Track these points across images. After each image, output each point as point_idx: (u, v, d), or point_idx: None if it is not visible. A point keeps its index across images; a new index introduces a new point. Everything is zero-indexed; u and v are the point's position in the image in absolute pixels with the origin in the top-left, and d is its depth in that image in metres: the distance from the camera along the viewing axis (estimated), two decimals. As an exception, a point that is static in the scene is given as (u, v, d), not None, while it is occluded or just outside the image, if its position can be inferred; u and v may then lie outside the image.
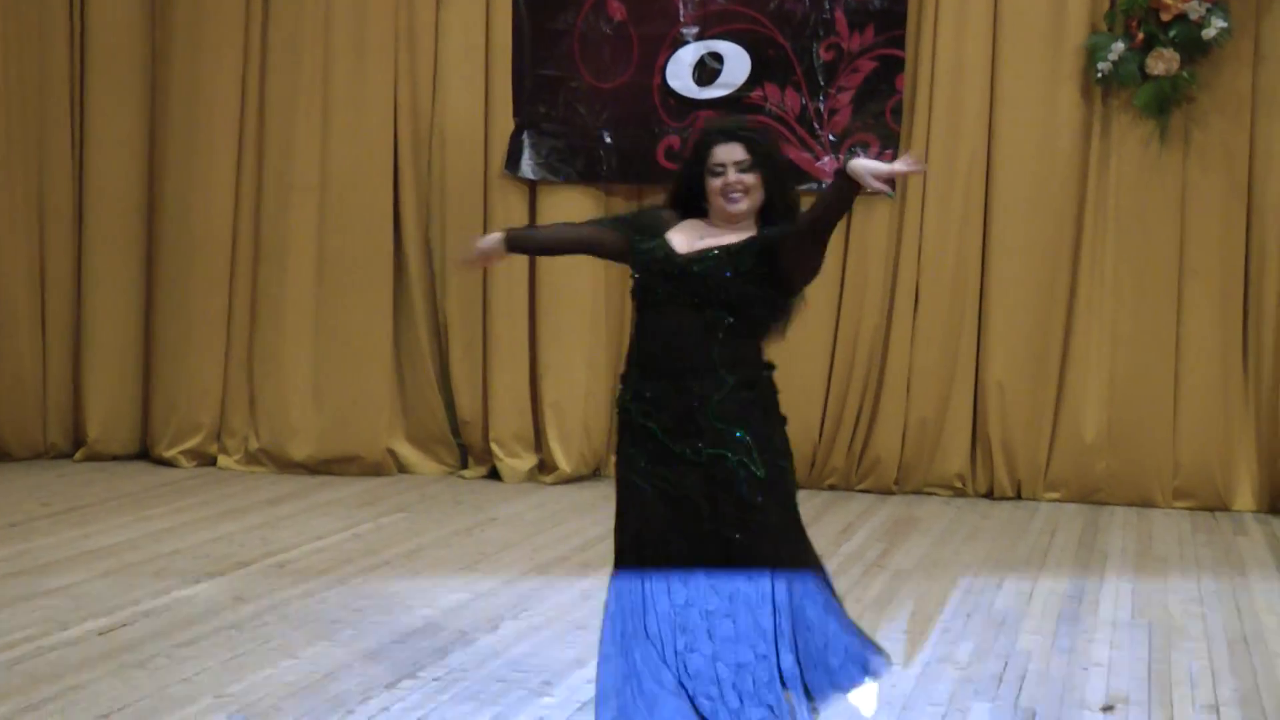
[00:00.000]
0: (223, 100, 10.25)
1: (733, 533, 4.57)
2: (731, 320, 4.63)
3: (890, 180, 4.66)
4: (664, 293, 4.66)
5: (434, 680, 5.87)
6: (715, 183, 4.71)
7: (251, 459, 10.27)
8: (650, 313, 4.70)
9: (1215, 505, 9.57)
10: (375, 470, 10.16)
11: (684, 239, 4.72)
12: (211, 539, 8.22)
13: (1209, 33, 9.25)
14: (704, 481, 4.59)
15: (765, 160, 4.73)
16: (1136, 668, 6.23)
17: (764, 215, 4.74)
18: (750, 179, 4.70)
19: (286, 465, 10.20)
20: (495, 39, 10.07)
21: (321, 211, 10.19)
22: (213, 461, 10.33)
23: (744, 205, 4.70)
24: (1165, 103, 9.41)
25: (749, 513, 4.58)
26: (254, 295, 10.31)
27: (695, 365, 4.62)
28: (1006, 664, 6.22)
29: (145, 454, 10.51)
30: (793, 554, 4.65)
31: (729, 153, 4.71)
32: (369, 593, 7.16)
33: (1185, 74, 9.34)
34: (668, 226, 4.80)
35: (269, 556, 7.84)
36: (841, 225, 9.79)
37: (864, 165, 4.55)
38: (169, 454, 10.33)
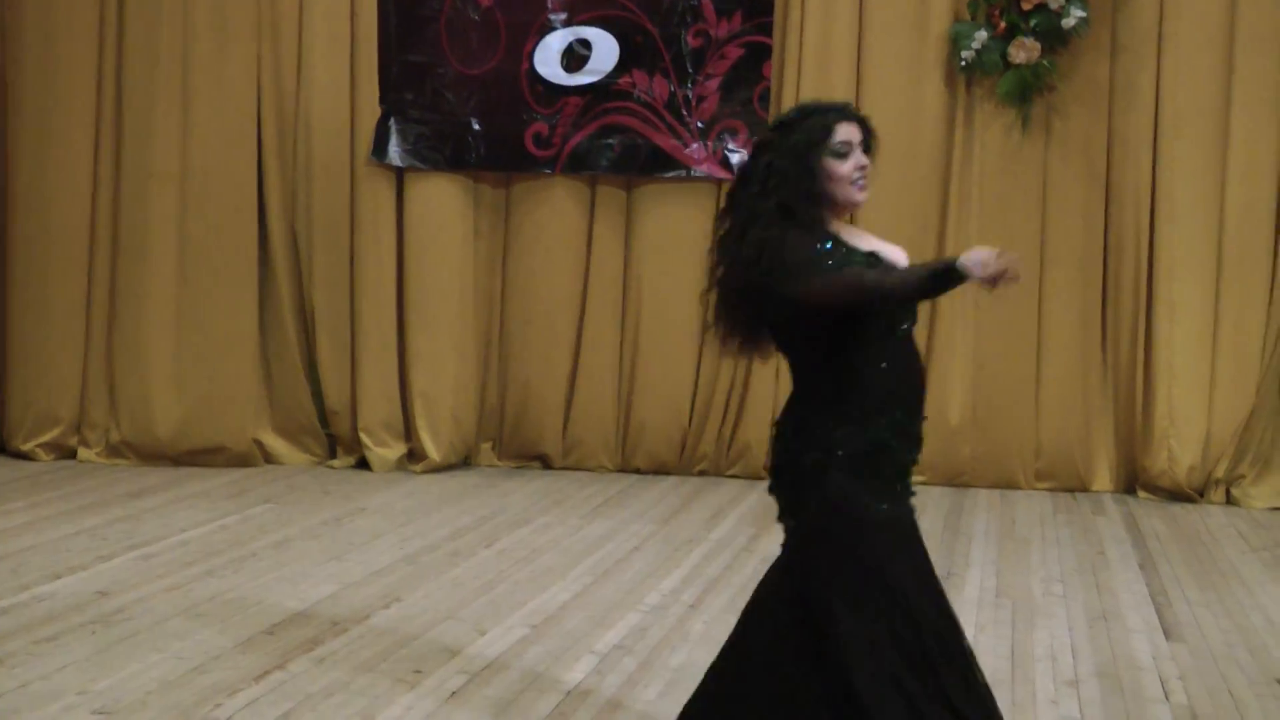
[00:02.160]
0: (78, 85, 10.04)
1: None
2: None
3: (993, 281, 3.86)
4: (907, 323, 4.16)
5: (303, 672, 5.82)
6: (843, 167, 4.14)
7: (113, 451, 10.11)
8: (893, 343, 4.12)
9: (1075, 486, 9.75)
10: (242, 461, 10.04)
11: (879, 247, 4.19)
12: (72, 533, 8.08)
13: (1068, 22, 9.38)
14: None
15: (870, 143, 4.24)
16: (1000, 646, 6.32)
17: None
18: (869, 162, 4.19)
19: (150, 457, 10.05)
20: (360, 25, 9.98)
21: (183, 200, 10.03)
22: (72, 454, 10.16)
23: (866, 194, 4.18)
24: (1027, 91, 9.54)
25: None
26: (114, 285, 10.13)
27: (924, 394, 4.26)
28: (875, 646, 6.27)
29: (1, 448, 10.30)
30: None
31: (852, 131, 4.18)
32: (236, 585, 7.08)
33: (1046, 63, 9.47)
34: (838, 238, 4.16)
35: (132, 550, 7.73)
36: (710, 212, 9.94)
37: (975, 260, 3.82)
38: (26, 447, 10.13)
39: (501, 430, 10.30)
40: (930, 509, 9.11)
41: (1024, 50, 9.45)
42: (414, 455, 10.10)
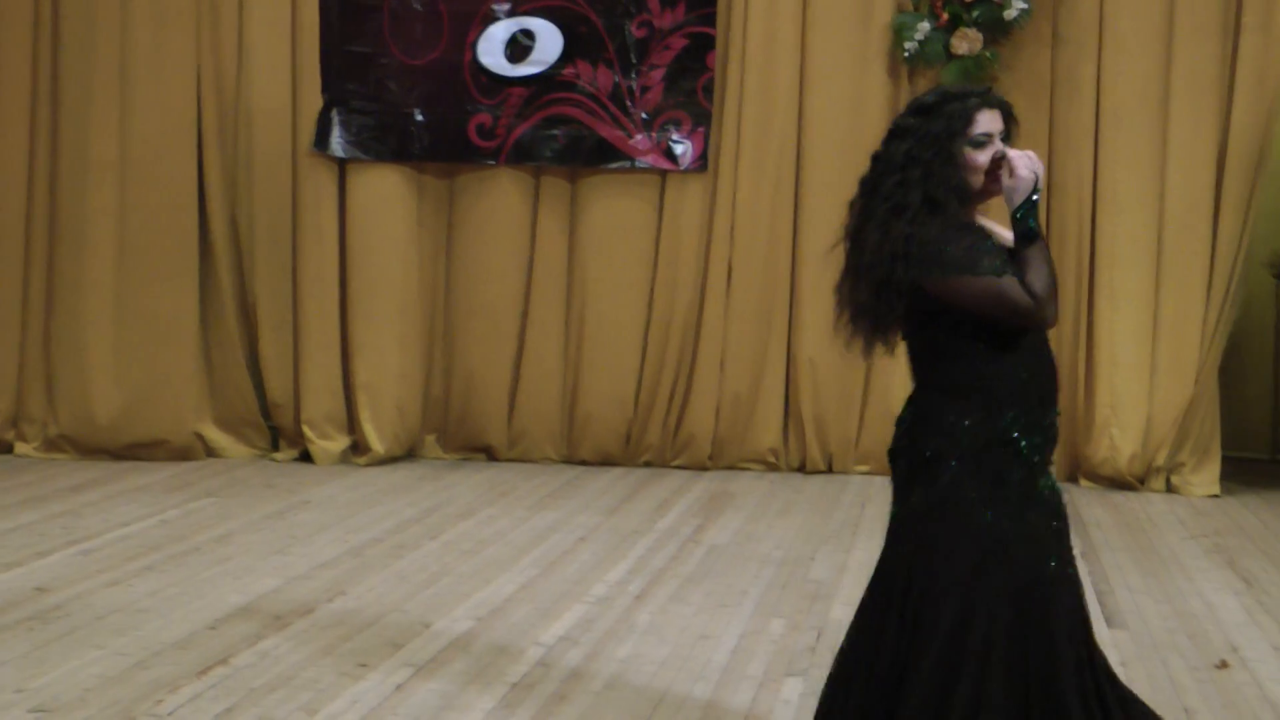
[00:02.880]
0: (14, 74, 9.94)
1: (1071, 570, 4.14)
2: None
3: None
4: None
5: (247, 667, 5.77)
6: (982, 157, 4.03)
7: (51, 445, 10.00)
8: (1033, 337, 4.05)
9: (1019, 476, 9.76)
10: (183, 454, 9.96)
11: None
12: (9, 529, 7.98)
13: (1010, 14, 9.42)
14: (1050, 517, 4.09)
15: (1011, 134, 4.12)
16: (948, 637, 6.32)
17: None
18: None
19: (89, 451, 9.96)
20: (302, 14, 9.91)
21: (122, 190, 9.94)
22: (9, 449, 10.05)
23: (1002, 185, 4.04)
24: (969, 82, 9.55)
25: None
26: (51, 276, 10.03)
27: (1058, 388, 4.21)
28: (820, 635, 6.27)
29: (-63, 443, 10.22)
30: None
31: (993, 121, 4.05)
32: (178, 580, 7.02)
33: (988, 54, 9.50)
34: (986, 232, 4.14)
35: (71, 545, 7.64)
36: (655, 203, 9.91)
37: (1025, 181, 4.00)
38: (-38, 442, 10.05)
39: (446, 422, 10.26)
40: (875, 499, 9.13)
41: (966, 41, 9.48)
42: (358, 448, 10.04)
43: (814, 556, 7.67)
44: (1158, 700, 5.52)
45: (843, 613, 6.60)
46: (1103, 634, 6.34)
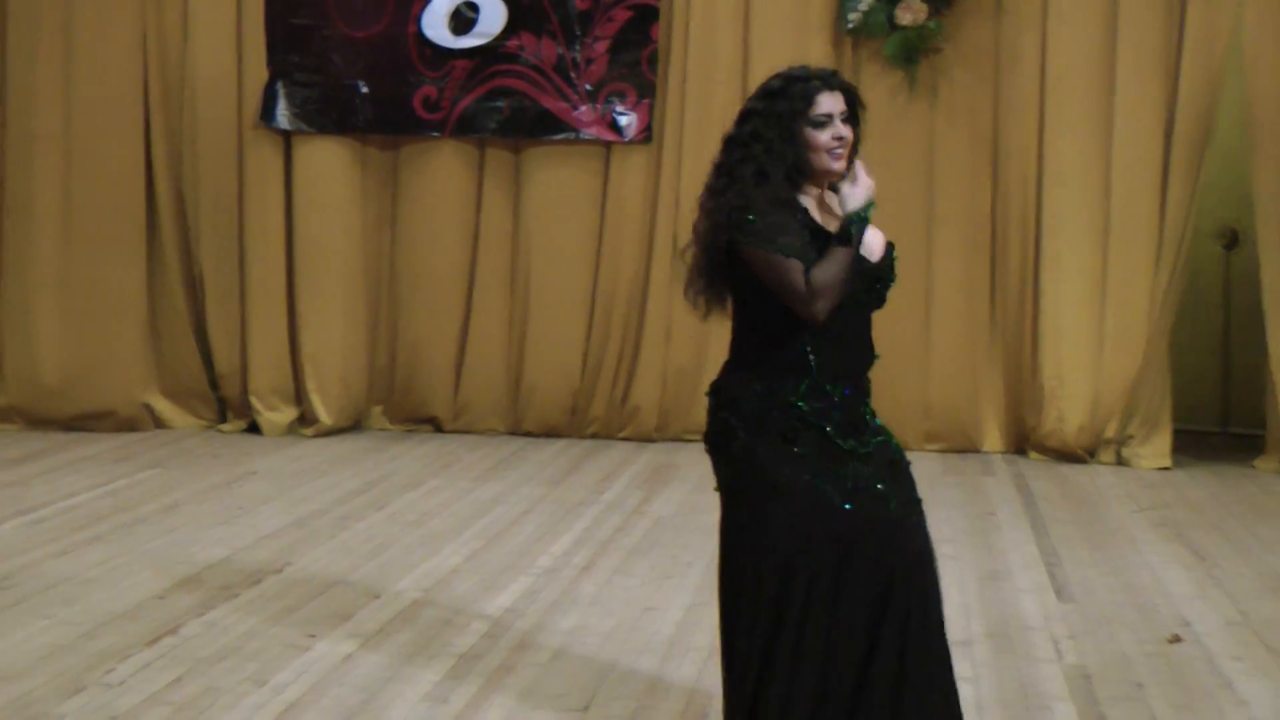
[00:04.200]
0: (-40, 47, 9.93)
1: (917, 516, 4.34)
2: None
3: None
4: (855, 301, 4.27)
5: (195, 636, 5.80)
6: (821, 136, 4.21)
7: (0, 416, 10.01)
8: (837, 316, 4.17)
9: (965, 447, 9.83)
10: (130, 425, 9.96)
11: (837, 226, 4.24)
12: (-42, 499, 8.01)
13: (954, -15, 9.47)
14: (878, 469, 4.24)
15: (856, 113, 4.30)
16: (890, 605, 6.38)
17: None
18: (849, 134, 4.26)
19: (36, 422, 9.95)
20: (247, -14, 9.91)
21: (68, 162, 9.92)
22: (-41, 420, 10.05)
23: (844, 164, 4.25)
24: (913, 53, 9.60)
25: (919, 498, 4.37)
26: (-2, 249, 10.03)
27: (869, 364, 4.38)
28: (765, 605, 6.32)
29: (-114, 413, 10.17)
30: None
31: (834, 102, 4.24)
32: (125, 550, 7.04)
33: (932, 25, 9.54)
34: (814, 211, 4.27)
35: (20, 515, 7.66)
36: (600, 174, 9.92)
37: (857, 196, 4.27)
38: (-90, 412, 10.02)
39: (391, 393, 10.28)
40: (819, 469, 9.18)
41: (910, 12, 9.51)
42: (304, 419, 10.06)
43: (758, 526, 7.72)
44: (1108, 675, 5.59)
45: (786, 581, 6.67)
46: (1052, 608, 6.43)
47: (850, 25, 9.60)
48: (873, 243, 4.34)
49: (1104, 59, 9.56)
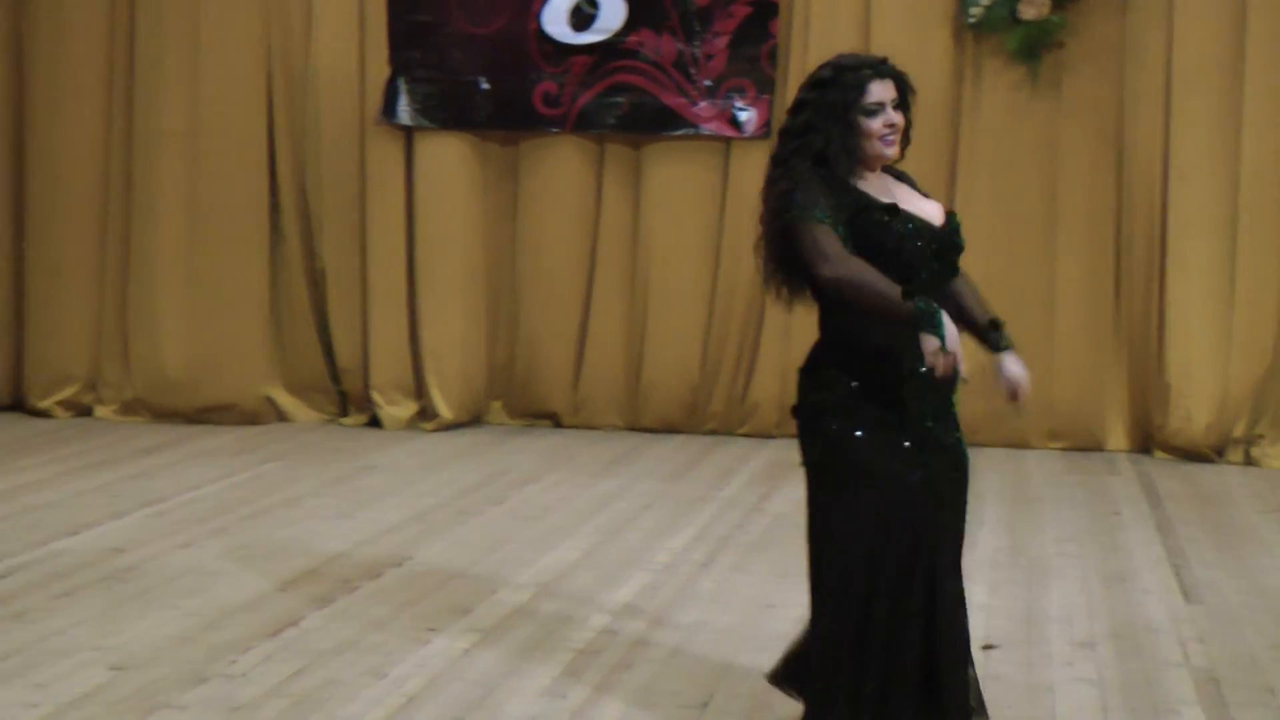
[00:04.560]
0: (89, 46, 10.07)
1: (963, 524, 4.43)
2: None
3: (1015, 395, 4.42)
4: (929, 269, 4.29)
5: (316, 629, 5.85)
6: (874, 123, 4.27)
7: (127, 409, 10.14)
8: (916, 289, 4.14)
9: (1088, 445, 9.72)
10: (252, 418, 10.08)
11: (905, 200, 4.33)
12: (87, 489, 8.12)
13: (1079, -22, 9.36)
14: (947, 466, 4.32)
15: (906, 99, 4.36)
16: (1014, 607, 6.33)
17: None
18: (900, 120, 4.33)
19: (163, 414, 10.09)
20: (369, -16, 9.99)
21: (193, 158, 10.05)
22: (88, 412, 10.20)
23: (896, 149, 4.33)
24: (1036, 48, 9.50)
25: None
26: (126, 243, 10.17)
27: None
28: (884, 604, 6.28)
29: (19, 405, 10.34)
30: None
31: (885, 90, 4.30)
32: (248, 542, 7.12)
33: (1056, 19, 9.43)
34: (868, 189, 4.31)
35: (146, 506, 7.77)
36: (719, 170, 9.89)
37: (1008, 366, 4.46)
38: (43, 405, 10.19)
39: (511, 388, 10.31)
40: (939, 467, 9.11)
41: (1033, 7, 9.41)
42: (424, 413, 10.12)
43: (877, 524, 7.66)
44: (1237, 679, 5.48)
45: (906, 580, 6.62)
46: (1178, 610, 6.32)
47: (972, 20, 9.51)
48: (927, 209, 4.38)
49: (1233, 53, 9.41)
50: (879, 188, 4.34)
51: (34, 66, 10.14)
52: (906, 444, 4.23)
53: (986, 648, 5.74)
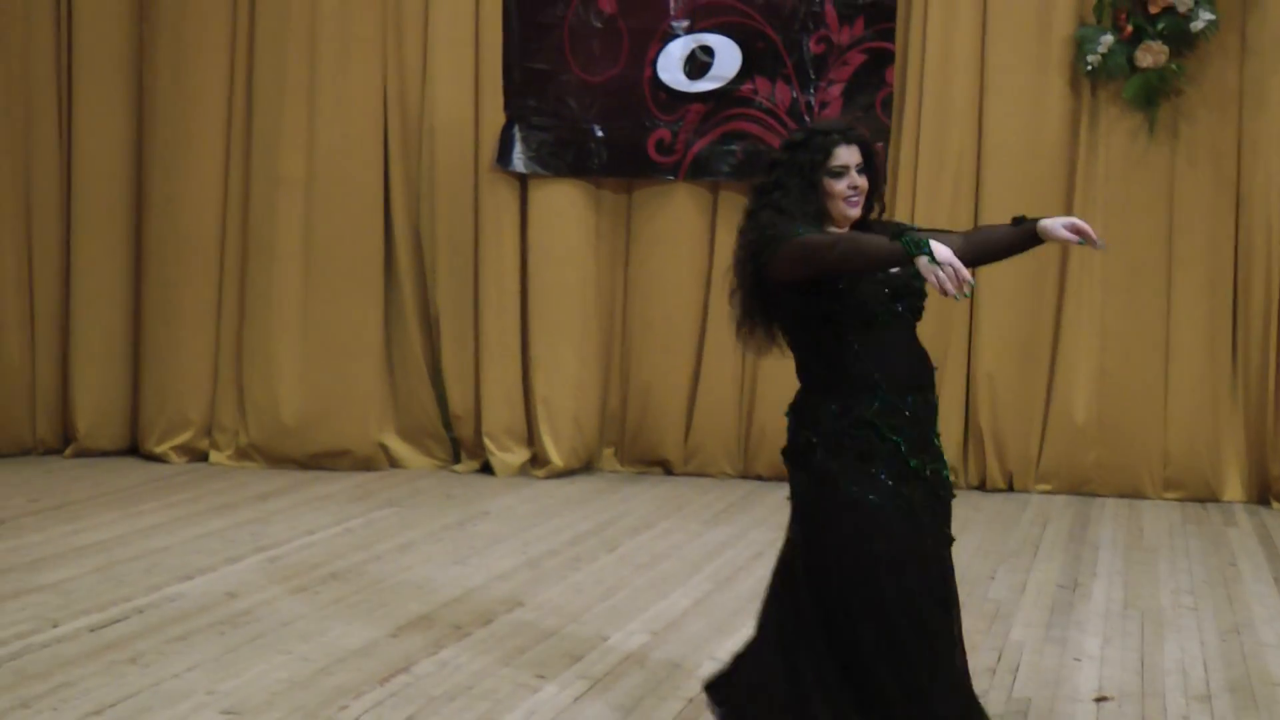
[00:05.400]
0: (209, 94, 10.24)
1: (947, 551, 4.66)
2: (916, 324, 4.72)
3: (1081, 233, 4.59)
4: (887, 310, 4.57)
5: (427, 675, 5.87)
6: (839, 185, 4.63)
7: (242, 454, 10.25)
8: (880, 331, 4.56)
9: (1205, 496, 9.59)
10: (366, 464, 10.15)
11: None
12: (202, 534, 8.21)
13: (1196, 25, 9.26)
14: (927, 496, 4.60)
15: (873, 164, 4.70)
16: (1128, 658, 6.25)
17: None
18: (863, 183, 4.65)
19: (277, 460, 10.19)
20: (484, 32, 10.06)
21: (310, 205, 10.17)
22: (203, 457, 10.32)
23: (859, 210, 4.65)
24: (1153, 95, 9.42)
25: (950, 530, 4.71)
26: (242, 289, 10.29)
27: (929, 373, 4.71)
28: (1000, 656, 6.23)
29: (135, 449, 10.49)
30: None
31: (850, 154, 4.65)
32: (361, 587, 7.16)
33: (1173, 66, 9.35)
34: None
35: (260, 552, 7.83)
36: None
37: (1055, 223, 4.61)
38: (159, 449, 10.32)
39: (623, 435, 10.33)
40: (1054, 517, 9.03)
41: (1150, 54, 9.34)
42: (536, 460, 10.15)
43: (993, 575, 7.60)
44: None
45: (1022, 633, 6.56)
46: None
47: (1089, 67, 9.45)
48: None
49: (1354, 99, 9.29)
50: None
51: (154, 114, 10.31)
52: (884, 477, 4.50)
53: (1100, 699, 5.67)
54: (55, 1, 10.32)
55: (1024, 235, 4.67)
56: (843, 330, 4.54)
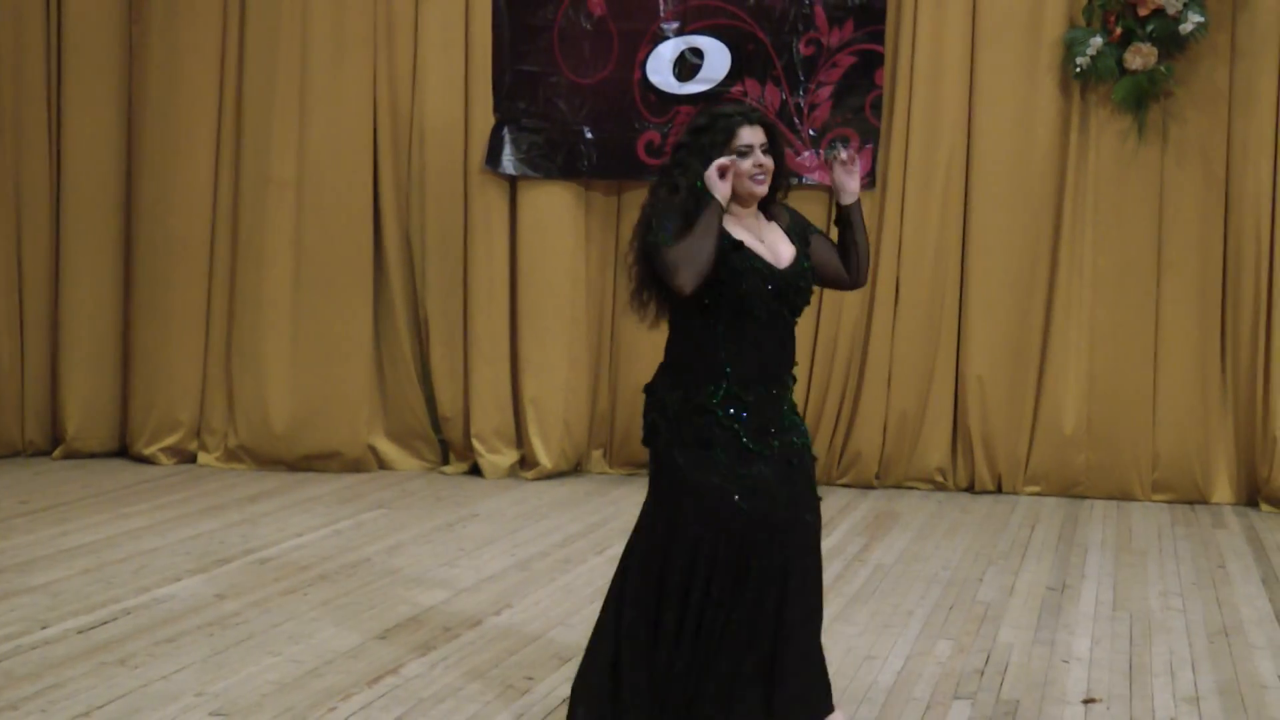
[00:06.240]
0: (200, 96, 10.23)
1: (810, 515, 4.87)
2: (795, 322, 4.94)
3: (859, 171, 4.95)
4: (766, 308, 4.80)
5: (416, 677, 5.87)
6: (743, 164, 4.79)
7: (231, 456, 10.25)
8: (749, 323, 4.79)
9: (1194, 498, 9.61)
10: (355, 466, 10.15)
11: (750, 238, 4.85)
12: (191, 536, 8.20)
13: (1186, 27, 9.27)
14: (780, 467, 4.80)
15: (777, 146, 4.88)
16: (1117, 660, 6.25)
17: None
18: (769, 162, 4.83)
19: (266, 462, 10.19)
20: (474, 34, 10.06)
21: (300, 207, 10.16)
22: (192, 459, 10.32)
23: (765, 188, 4.84)
24: (1143, 97, 9.44)
25: (816, 492, 4.92)
26: (232, 291, 10.29)
27: (786, 370, 4.90)
28: (988, 658, 6.23)
29: (124, 451, 10.49)
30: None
31: (754, 134, 4.81)
32: (350, 589, 7.15)
33: (1163, 69, 9.36)
34: (730, 224, 4.85)
35: (249, 553, 7.83)
36: (823, 219, 9.84)
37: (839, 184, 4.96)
38: (148, 451, 10.31)
39: (612, 437, 10.33)
40: (1043, 519, 9.04)
41: (1140, 56, 9.35)
42: (526, 462, 10.15)
43: (982, 578, 7.61)
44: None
45: (1011, 635, 6.56)
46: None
47: (1079, 69, 9.46)
48: (780, 250, 4.89)
49: (1344, 101, 9.31)
50: (744, 225, 4.86)
51: (144, 116, 10.31)
52: (724, 460, 4.73)
53: (1089, 701, 5.67)
54: (45, 3, 10.31)
55: (840, 221, 5.02)
56: (714, 320, 4.78)
